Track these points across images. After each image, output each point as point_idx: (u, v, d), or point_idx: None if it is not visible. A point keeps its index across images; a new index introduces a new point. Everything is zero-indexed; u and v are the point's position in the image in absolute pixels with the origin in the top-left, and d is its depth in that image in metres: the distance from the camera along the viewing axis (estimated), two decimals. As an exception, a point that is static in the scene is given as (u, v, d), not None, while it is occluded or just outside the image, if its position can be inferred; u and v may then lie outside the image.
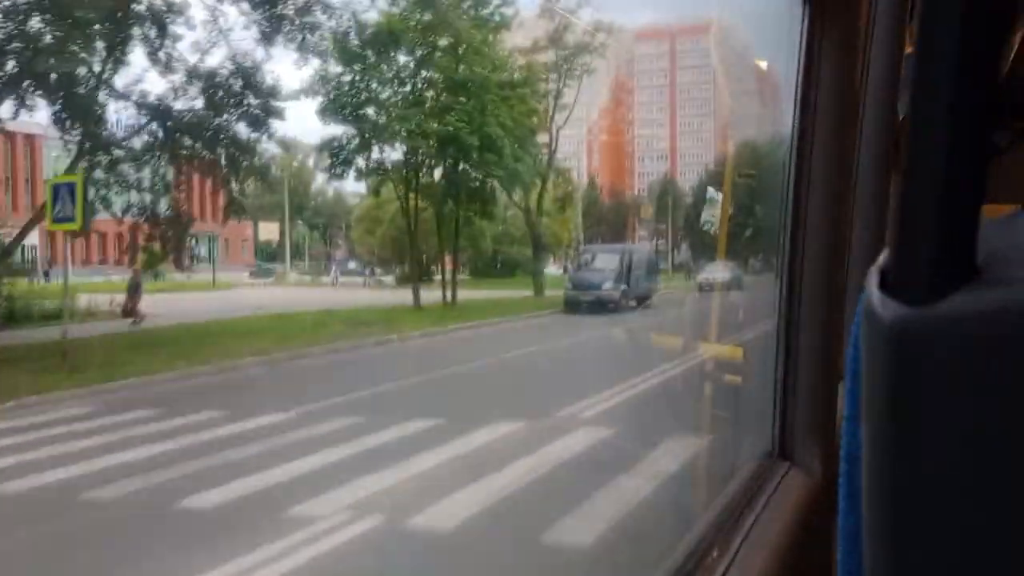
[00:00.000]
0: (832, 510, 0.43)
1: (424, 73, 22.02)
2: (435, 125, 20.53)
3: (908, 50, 1.68)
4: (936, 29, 0.34)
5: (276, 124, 17.24)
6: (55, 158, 19.43)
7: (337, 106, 21.20)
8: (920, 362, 0.35)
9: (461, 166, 22.14)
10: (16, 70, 13.99)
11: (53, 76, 13.99)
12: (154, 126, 16.57)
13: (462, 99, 21.03)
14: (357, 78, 21.14)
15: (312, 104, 21.21)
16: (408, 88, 22.05)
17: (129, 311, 17.42)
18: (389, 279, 33.45)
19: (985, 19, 0.34)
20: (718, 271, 25.54)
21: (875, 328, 0.36)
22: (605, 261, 23.93)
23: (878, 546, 0.38)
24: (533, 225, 28.24)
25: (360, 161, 22.43)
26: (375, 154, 22.31)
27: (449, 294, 22.96)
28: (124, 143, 16.62)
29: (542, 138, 26.75)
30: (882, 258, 0.38)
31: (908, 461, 0.36)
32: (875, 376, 0.37)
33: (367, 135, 21.66)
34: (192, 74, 16.31)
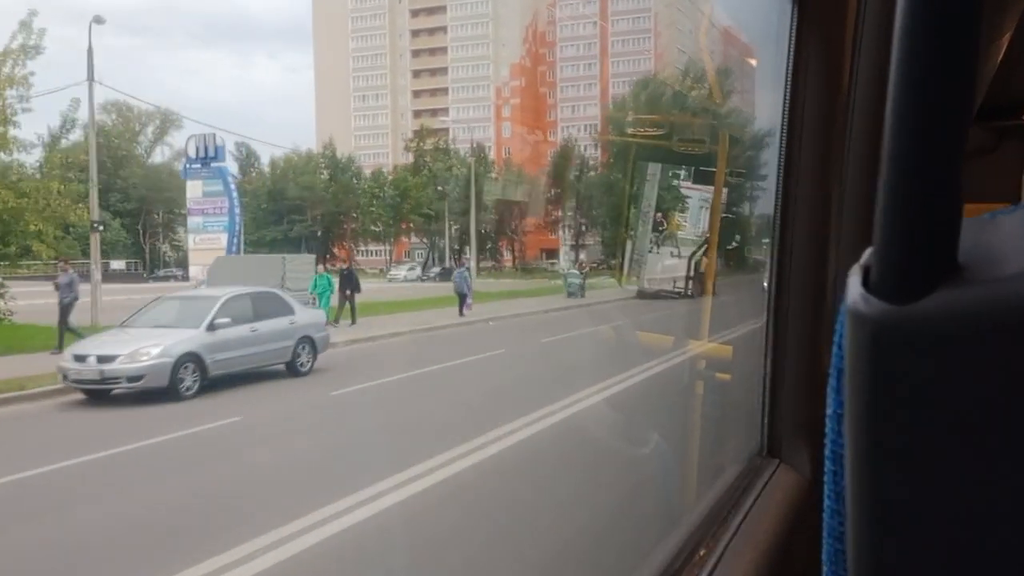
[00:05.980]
0: (820, 508, 0.42)
1: None
2: None
3: None
4: (917, 27, 0.34)
5: None
6: None
7: None
8: (902, 359, 0.35)
9: None
10: None
11: None
12: None
13: None
14: None
15: None
16: None
17: None
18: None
19: (965, 18, 0.34)
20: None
21: (857, 325, 0.36)
22: None
23: (861, 545, 0.38)
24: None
25: None
26: None
27: None
28: None
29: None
30: (865, 256, 0.38)
31: (890, 458, 0.36)
32: (858, 373, 0.37)
33: None
34: None
